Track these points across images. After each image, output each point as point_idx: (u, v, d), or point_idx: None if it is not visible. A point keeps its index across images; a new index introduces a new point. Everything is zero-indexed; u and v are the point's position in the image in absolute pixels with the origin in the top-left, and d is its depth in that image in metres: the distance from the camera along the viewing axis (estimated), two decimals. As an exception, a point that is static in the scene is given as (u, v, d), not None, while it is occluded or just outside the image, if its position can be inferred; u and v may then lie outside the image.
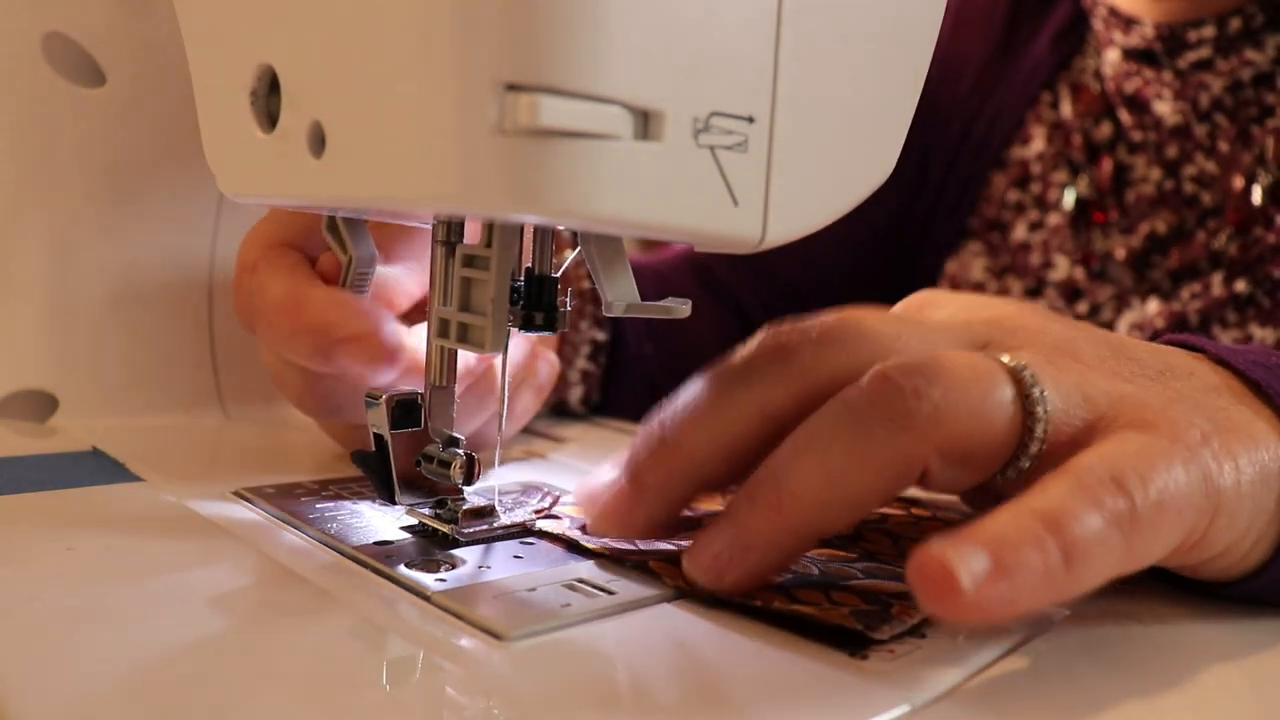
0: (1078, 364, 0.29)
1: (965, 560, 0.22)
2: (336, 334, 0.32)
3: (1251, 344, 0.35)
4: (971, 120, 0.71)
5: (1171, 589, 0.31)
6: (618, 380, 0.60)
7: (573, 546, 0.31)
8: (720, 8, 0.23)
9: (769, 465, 0.26)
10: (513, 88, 0.21)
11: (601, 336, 0.58)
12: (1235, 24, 0.60)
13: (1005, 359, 0.27)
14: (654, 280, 0.67)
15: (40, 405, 0.45)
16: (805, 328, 0.29)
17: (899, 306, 0.35)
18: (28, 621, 0.24)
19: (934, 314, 0.33)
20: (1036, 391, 0.26)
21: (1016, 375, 0.27)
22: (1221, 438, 0.27)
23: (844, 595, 0.27)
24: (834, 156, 0.27)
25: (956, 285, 0.70)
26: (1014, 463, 0.27)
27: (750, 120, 0.24)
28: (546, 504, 0.34)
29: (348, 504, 0.35)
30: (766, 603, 0.26)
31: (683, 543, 0.30)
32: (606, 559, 0.30)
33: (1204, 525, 0.26)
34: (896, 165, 0.28)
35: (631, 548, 0.30)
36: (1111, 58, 0.65)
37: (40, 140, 0.44)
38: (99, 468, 0.38)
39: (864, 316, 0.30)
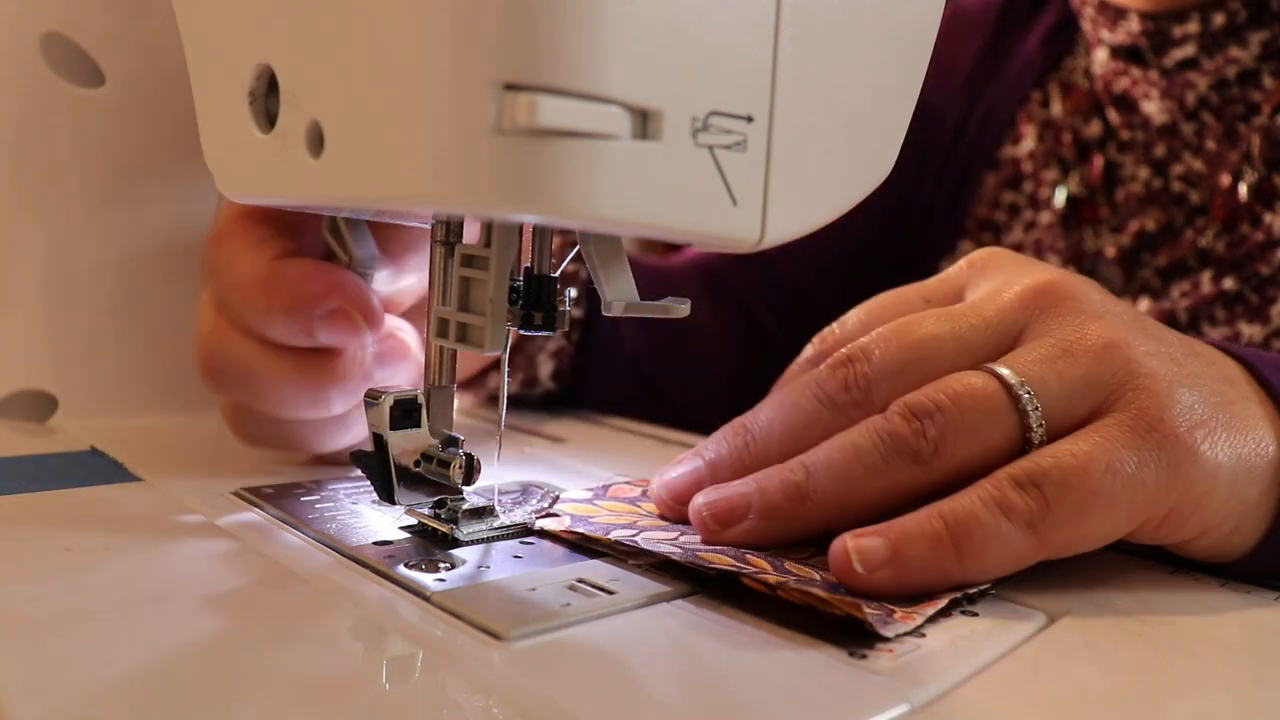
0: (1103, 338, 0.31)
1: (864, 550, 0.28)
2: (315, 308, 0.33)
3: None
4: (964, 120, 0.72)
5: (1171, 588, 0.31)
6: (591, 358, 0.59)
7: (576, 545, 0.31)
8: (719, 8, 0.23)
9: (806, 458, 0.31)
10: (511, 87, 0.21)
11: (576, 313, 0.58)
12: (1219, 19, 0.60)
13: (1007, 375, 0.31)
14: (656, 280, 0.67)
15: (40, 405, 0.45)
16: (866, 355, 0.33)
17: (963, 264, 0.37)
18: (28, 621, 0.24)
19: (985, 284, 0.36)
20: (1031, 407, 0.30)
21: (1014, 393, 0.30)
22: (1211, 427, 0.30)
23: (845, 604, 0.27)
24: (833, 156, 0.27)
25: None
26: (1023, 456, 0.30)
27: (749, 120, 0.24)
28: (546, 504, 0.34)
29: (348, 504, 0.35)
30: (782, 579, 0.27)
31: (700, 547, 0.31)
32: (613, 555, 0.31)
33: (1163, 509, 0.29)
34: (895, 164, 0.29)
35: (632, 546, 0.30)
36: (1100, 57, 0.65)
37: (39, 140, 0.44)
38: (98, 468, 0.38)
39: (914, 327, 0.33)
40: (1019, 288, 0.34)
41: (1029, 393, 0.30)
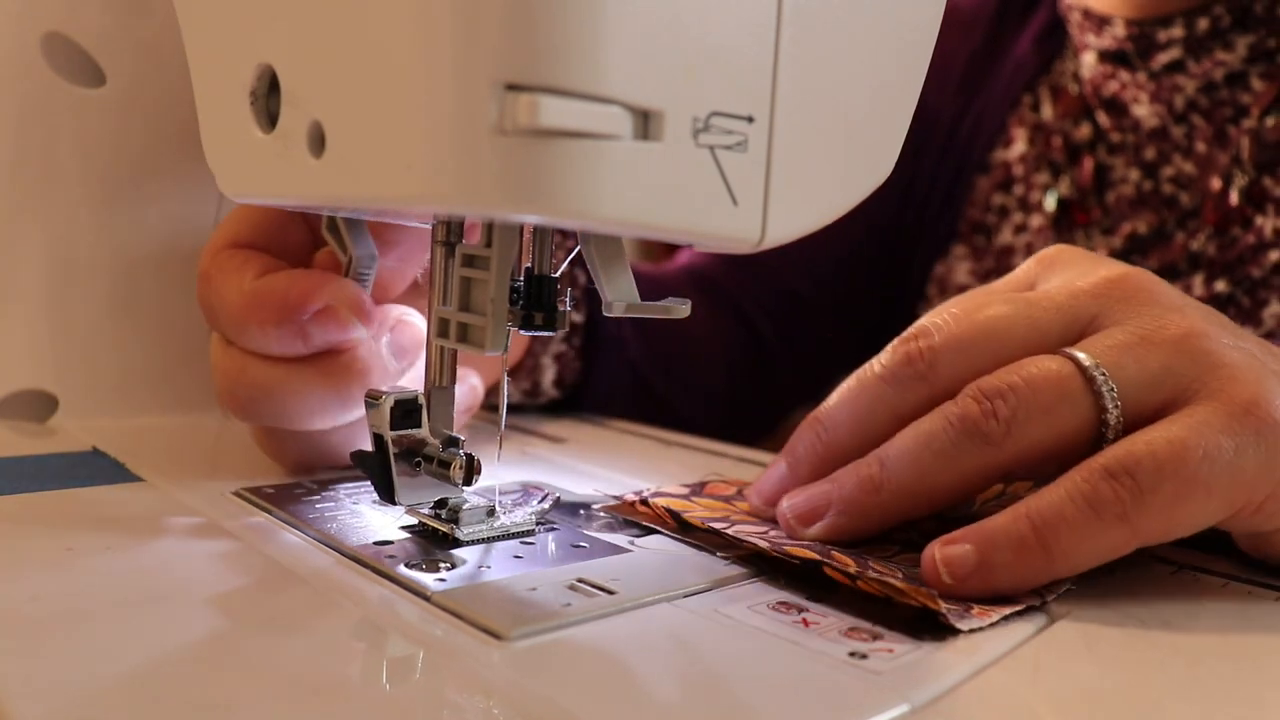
0: (1182, 329, 0.31)
1: (951, 559, 0.28)
2: (303, 313, 0.33)
3: None
4: (956, 122, 0.72)
5: (1171, 588, 0.31)
6: (594, 363, 0.59)
7: (577, 545, 0.32)
8: (720, 7, 0.23)
9: (879, 452, 0.32)
10: (512, 87, 0.21)
11: (577, 318, 0.58)
12: (1203, 24, 0.60)
13: (1082, 358, 0.30)
14: (652, 286, 0.67)
15: (40, 405, 0.45)
16: (929, 331, 0.33)
17: (1031, 262, 0.37)
18: (28, 621, 0.24)
19: (1055, 277, 0.35)
20: (1107, 390, 0.30)
21: (1088, 375, 0.30)
22: None
23: (921, 594, 0.27)
24: (833, 156, 0.27)
25: (944, 288, 0.70)
26: (1097, 446, 0.30)
27: (750, 120, 0.24)
28: (547, 504, 0.34)
29: (348, 504, 0.35)
30: (862, 570, 0.28)
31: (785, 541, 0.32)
32: (705, 547, 0.32)
33: (1259, 497, 0.29)
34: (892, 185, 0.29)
35: (723, 536, 0.32)
36: (1088, 60, 0.65)
37: (40, 140, 0.44)
38: (99, 468, 0.38)
39: (985, 306, 0.33)
40: (1094, 279, 0.33)
41: (1104, 375, 0.30)
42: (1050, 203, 0.66)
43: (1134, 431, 0.29)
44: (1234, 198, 0.60)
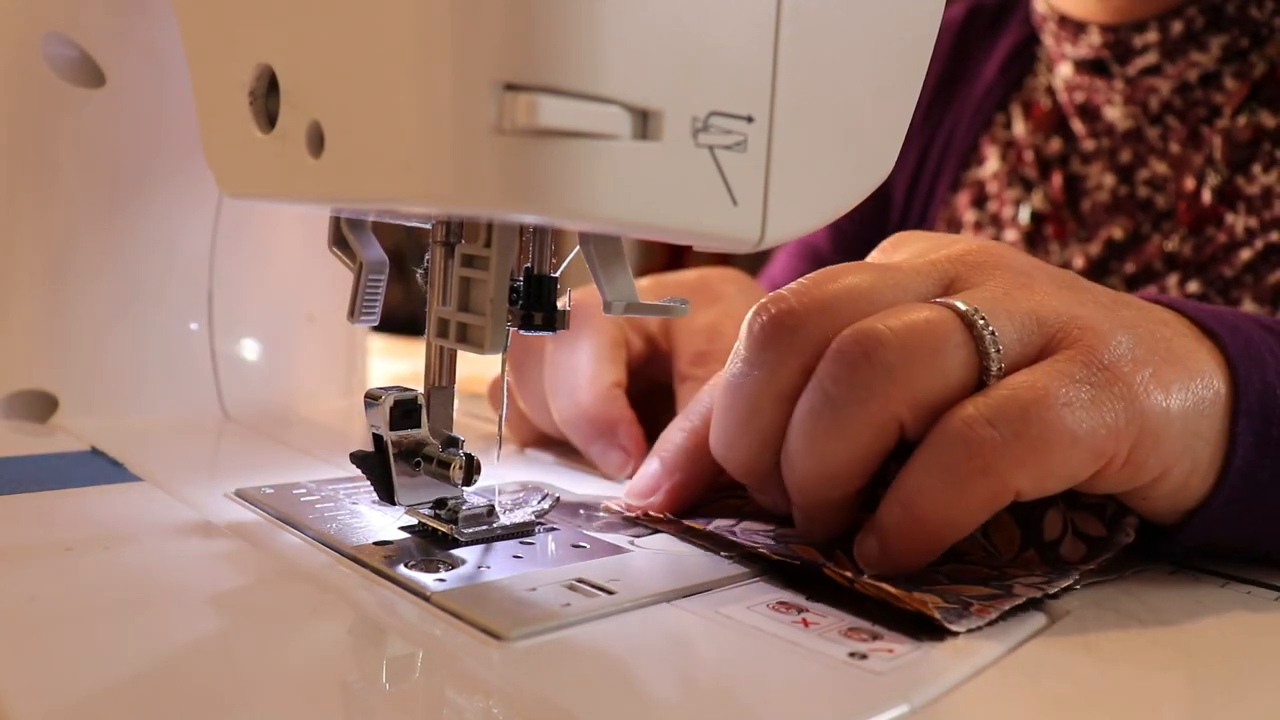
0: (1035, 291, 0.30)
1: (861, 552, 0.29)
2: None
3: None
4: (925, 147, 0.73)
5: (1171, 588, 0.31)
6: None
7: (577, 545, 0.32)
8: (719, 8, 0.23)
9: (782, 455, 0.30)
10: (511, 87, 0.21)
11: None
12: (1178, 27, 0.60)
13: (958, 304, 0.29)
14: None
15: (40, 405, 0.45)
16: (783, 297, 0.30)
17: (875, 252, 0.36)
18: (28, 621, 0.24)
19: (903, 253, 0.35)
20: (987, 333, 0.28)
21: (968, 320, 0.29)
22: (1157, 365, 0.29)
23: (925, 594, 0.27)
24: (833, 156, 0.27)
25: None
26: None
27: (749, 120, 0.24)
28: (547, 505, 0.34)
29: (347, 504, 0.35)
30: (856, 577, 0.28)
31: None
32: (708, 547, 0.32)
33: (1124, 448, 0.28)
34: (869, 202, 0.29)
35: (726, 538, 0.32)
36: (1064, 72, 0.66)
37: (40, 140, 0.44)
38: (99, 468, 0.38)
39: (840, 274, 0.31)
40: (948, 249, 0.33)
41: (984, 320, 0.28)
42: (1024, 216, 0.67)
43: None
44: (1207, 197, 0.60)
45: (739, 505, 0.36)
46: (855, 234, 0.73)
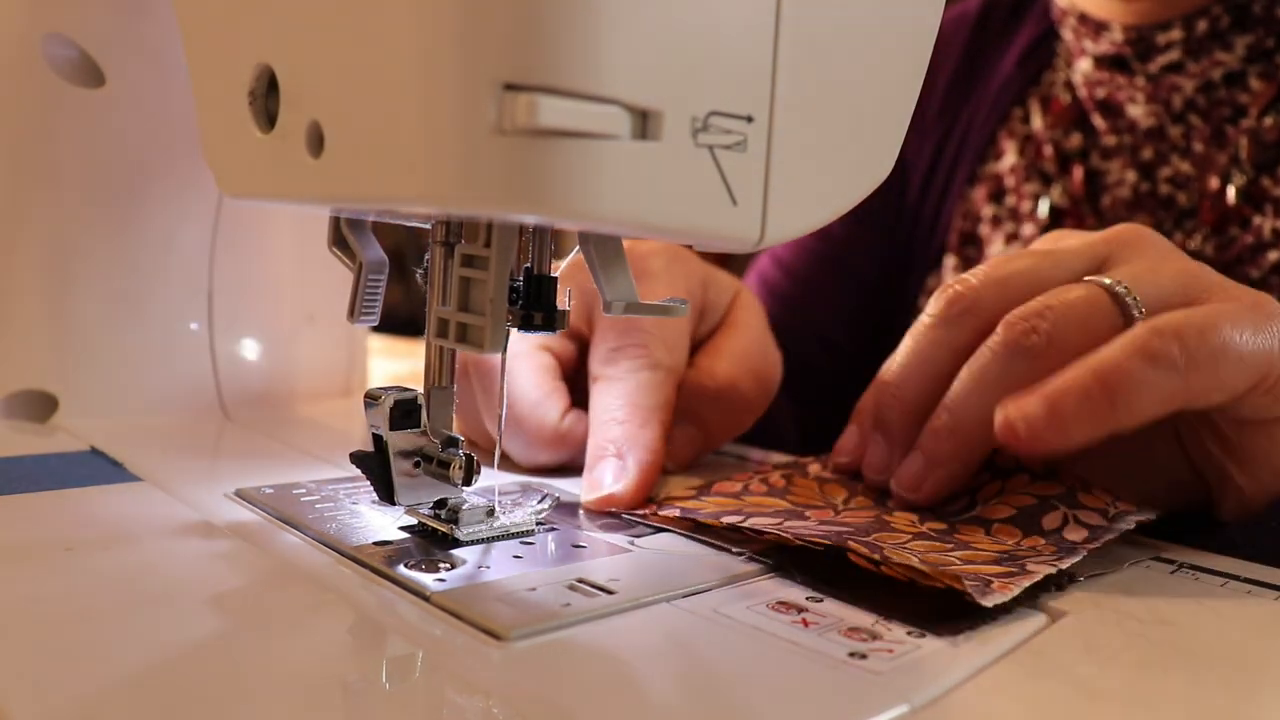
0: (1176, 261, 0.37)
1: (1021, 410, 0.31)
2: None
3: None
4: (941, 142, 0.73)
5: (1171, 588, 0.31)
6: None
7: (577, 545, 0.31)
8: (719, 8, 0.23)
9: (944, 402, 0.35)
10: (511, 87, 0.21)
11: None
12: (1202, 26, 0.60)
13: (1105, 280, 0.34)
14: None
15: (40, 405, 0.45)
16: (966, 277, 0.37)
17: (1039, 241, 0.42)
18: (28, 621, 0.24)
19: (1065, 242, 0.40)
20: (1131, 299, 0.34)
21: (1113, 292, 0.34)
22: None
23: (945, 575, 0.28)
24: (833, 156, 0.27)
25: None
26: None
27: (749, 120, 0.24)
28: (546, 504, 0.34)
29: (347, 504, 0.35)
30: (885, 557, 0.28)
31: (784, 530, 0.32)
32: (718, 544, 0.33)
33: (1276, 372, 0.33)
34: (883, 189, 0.30)
35: (741, 532, 0.32)
36: (1083, 67, 0.65)
37: (40, 140, 0.44)
38: (99, 468, 0.38)
39: (1013, 260, 0.37)
40: (1100, 234, 0.38)
41: (1126, 288, 0.34)
42: (1043, 209, 0.66)
43: None
44: (1231, 197, 0.59)
45: (741, 505, 0.36)
46: (868, 217, 0.73)
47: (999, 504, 0.35)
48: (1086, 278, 0.35)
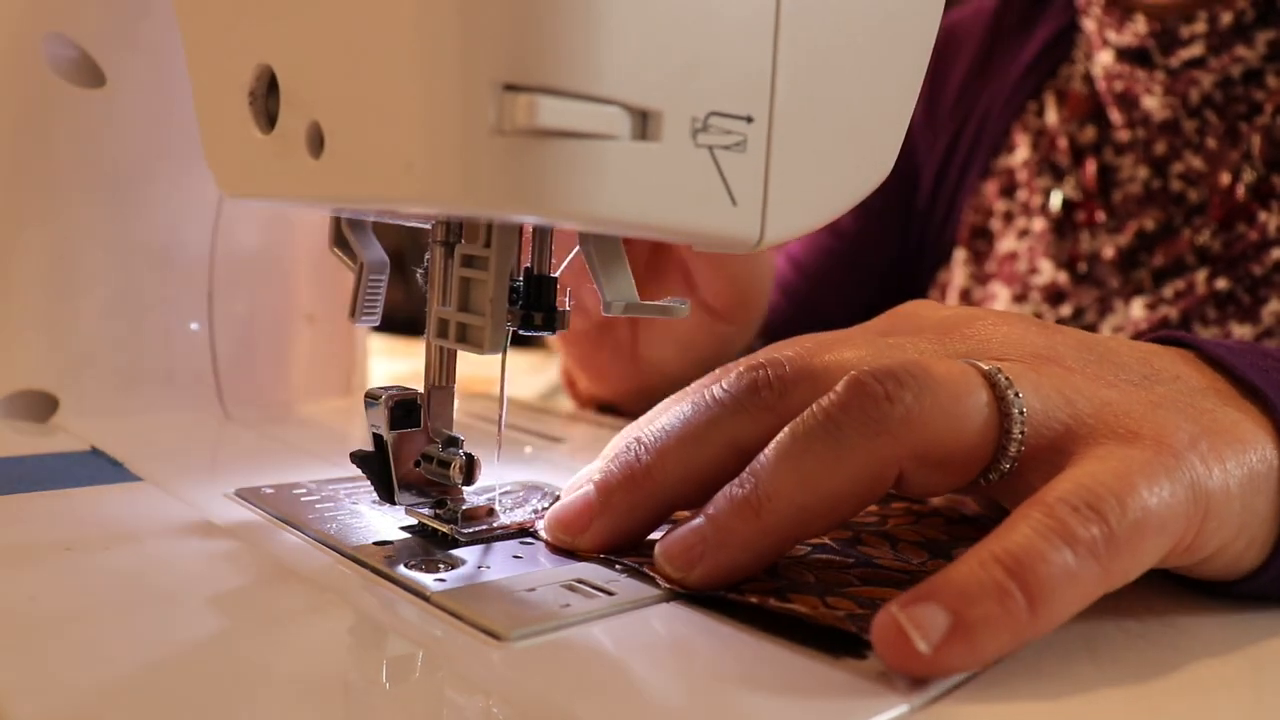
0: (1059, 368, 0.29)
1: (921, 622, 0.22)
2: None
3: (1235, 340, 0.34)
4: (955, 136, 0.73)
5: (1170, 588, 0.31)
6: None
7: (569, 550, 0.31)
8: (719, 8, 0.23)
9: (750, 469, 0.27)
10: (511, 88, 0.21)
11: None
12: (1227, 18, 0.60)
13: (982, 365, 0.28)
14: None
15: (40, 405, 0.45)
16: (779, 361, 0.30)
17: (883, 320, 0.35)
18: (28, 621, 0.24)
19: (915, 325, 0.33)
20: (1012, 394, 0.27)
21: (992, 379, 0.27)
22: (1209, 440, 0.27)
23: (839, 600, 0.27)
24: (833, 156, 0.27)
25: (945, 292, 0.71)
26: (994, 466, 0.28)
27: (749, 120, 0.24)
28: (546, 504, 0.34)
29: (347, 504, 0.35)
30: (762, 600, 0.26)
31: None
32: (600, 560, 0.30)
33: (1192, 532, 0.26)
34: (894, 183, 0.29)
35: (628, 564, 0.30)
36: (1104, 59, 0.65)
37: (40, 140, 0.44)
38: (99, 468, 0.38)
39: (839, 342, 0.30)
40: (952, 329, 0.31)
41: (1008, 380, 0.27)
42: (1055, 202, 0.66)
43: (1031, 457, 0.27)
44: (1241, 193, 0.59)
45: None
46: (880, 212, 0.73)
47: (911, 529, 0.33)
48: (958, 358, 0.29)
